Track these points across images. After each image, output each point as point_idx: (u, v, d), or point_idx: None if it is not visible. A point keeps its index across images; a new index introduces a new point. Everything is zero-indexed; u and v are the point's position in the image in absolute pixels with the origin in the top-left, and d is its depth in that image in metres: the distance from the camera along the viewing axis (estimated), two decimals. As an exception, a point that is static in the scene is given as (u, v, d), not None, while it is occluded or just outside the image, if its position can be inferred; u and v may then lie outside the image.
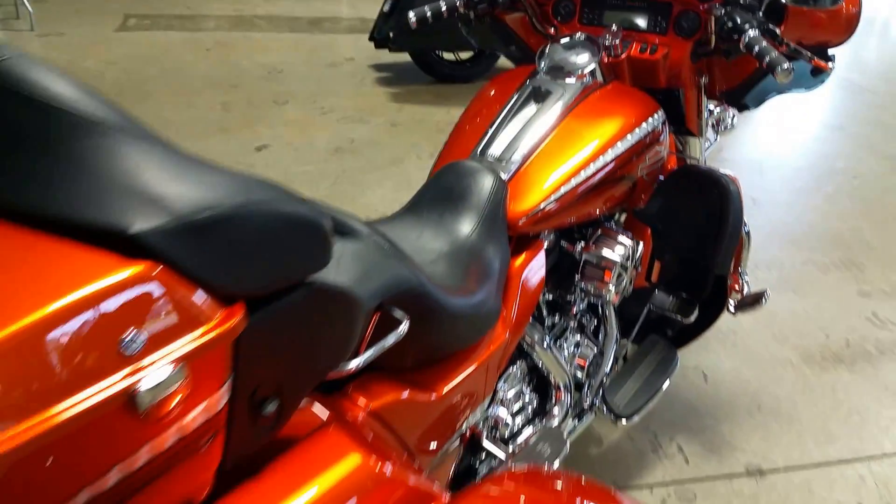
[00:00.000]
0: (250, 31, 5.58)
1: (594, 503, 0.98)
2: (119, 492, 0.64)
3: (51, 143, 0.64)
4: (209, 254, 0.65)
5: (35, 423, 0.55)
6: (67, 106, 0.64)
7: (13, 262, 0.60)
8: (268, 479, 0.81)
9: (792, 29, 1.58)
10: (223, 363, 0.69)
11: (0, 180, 0.64)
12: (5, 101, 0.64)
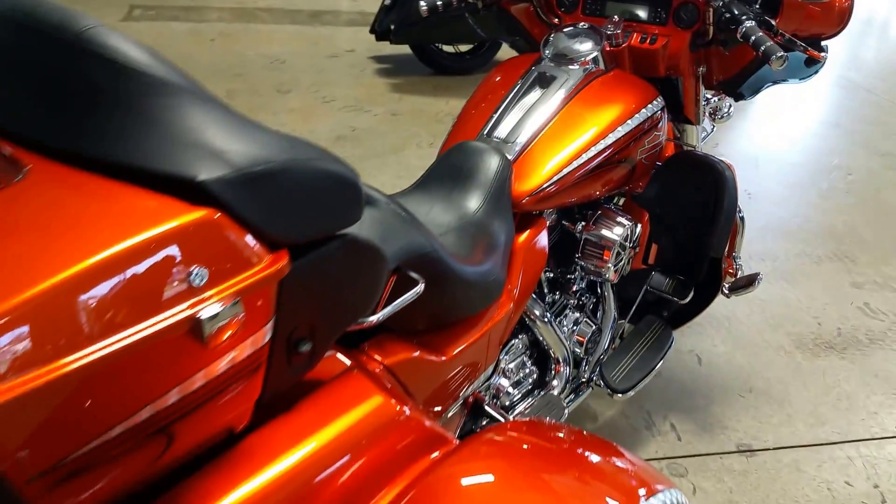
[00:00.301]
0: (253, 23, 5.62)
1: (595, 454, 1.03)
2: (173, 413, 0.71)
3: (130, 101, 0.71)
4: (261, 203, 0.72)
5: (119, 339, 0.61)
6: (144, 69, 0.71)
7: (98, 204, 0.67)
8: (299, 414, 0.89)
9: (787, 21, 1.63)
10: (268, 303, 0.75)
11: (85, 133, 0.71)
12: (91, 63, 0.71)
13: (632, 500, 0.94)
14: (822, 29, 1.65)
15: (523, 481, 0.94)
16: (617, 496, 0.95)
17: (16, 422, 0.59)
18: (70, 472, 0.65)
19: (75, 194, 0.69)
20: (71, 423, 0.63)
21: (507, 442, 1.02)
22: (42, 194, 0.68)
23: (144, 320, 0.63)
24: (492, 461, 0.97)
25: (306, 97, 4.23)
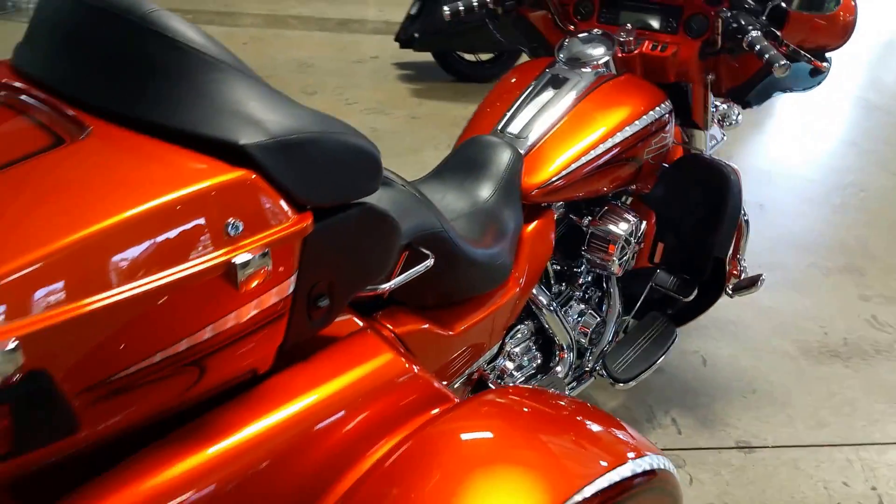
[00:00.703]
0: (283, 29, 5.75)
1: (592, 422, 1.09)
2: (206, 348, 0.79)
3: (184, 74, 0.80)
4: (292, 168, 0.80)
5: (166, 276, 0.71)
6: (198, 47, 0.81)
7: (152, 161, 0.77)
8: (315, 364, 0.96)
9: (793, 33, 1.69)
10: (293, 258, 0.83)
11: (143, 101, 0.80)
12: (153, 40, 0.80)
13: (620, 459, 0.99)
14: (826, 41, 1.71)
15: (517, 438, 0.99)
16: (606, 456, 1.00)
17: (77, 338, 0.68)
18: (114, 391, 0.73)
19: (132, 152, 0.78)
20: (121, 344, 0.71)
21: (507, 403, 1.08)
22: (103, 150, 0.78)
23: (188, 261, 0.72)
24: (489, 419, 1.02)
25: (331, 99, 4.34)
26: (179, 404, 0.83)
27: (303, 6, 6.42)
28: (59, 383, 0.69)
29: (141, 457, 0.80)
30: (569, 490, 0.90)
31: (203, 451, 0.82)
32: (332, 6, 6.52)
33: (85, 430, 0.75)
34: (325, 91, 4.45)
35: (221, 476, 0.83)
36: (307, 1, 6.61)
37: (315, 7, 6.41)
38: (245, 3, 6.27)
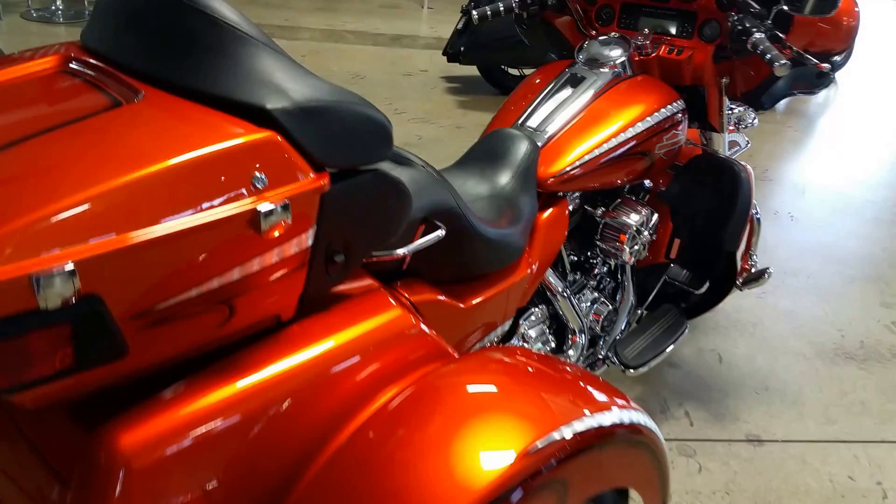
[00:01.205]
0: (339, 43, 6.00)
1: (586, 383, 1.21)
2: (235, 288, 0.93)
3: (221, 47, 0.95)
4: (311, 131, 0.94)
5: (201, 217, 0.85)
6: (235, 25, 0.96)
7: (192, 120, 0.91)
8: (332, 315, 1.10)
9: (798, 37, 1.81)
10: (311, 213, 0.97)
11: (186, 69, 0.96)
12: (196, 18, 0.96)
13: (600, 408, 1.12)
14: (830, 45, 1.83)
15: (507, 386, 1.12)
16: (588, 406, 1.12)
17: (125, 268, 0.82)
18: (157, 320, 0.88)
19: (175, 113, 0.93)
20: (163, 277, 0.86)
21: (501, 359, 1.21)
22: (152, 111, 0.93)
23: (219, 206, 0.86)
24: (484, 371, 1.15)
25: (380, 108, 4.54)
26: (212, 342, 0.97)
27: (358, 22, 6.68)
28: (109, 308, 0.82)
29: (179, 386, 0.95)
30: (549, 427, 1.03)
31: (232, 385, 0.96)
32: (386, 22, 6.77)
33: (132, 356, 0.89)
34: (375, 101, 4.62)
35: (246, 408, 0.97)
36: (363, 17, 6.88)
37: (370, 23, 6.66)
38: (305, 18, 6.55)
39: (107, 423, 0.92)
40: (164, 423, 0.92)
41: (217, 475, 0.97)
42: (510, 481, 0.96)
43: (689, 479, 2.00)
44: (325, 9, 7.02)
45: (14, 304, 0.76)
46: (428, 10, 7.37)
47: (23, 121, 0.93)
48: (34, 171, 0.82)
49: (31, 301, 0.76)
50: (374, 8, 7.28)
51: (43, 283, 0.76)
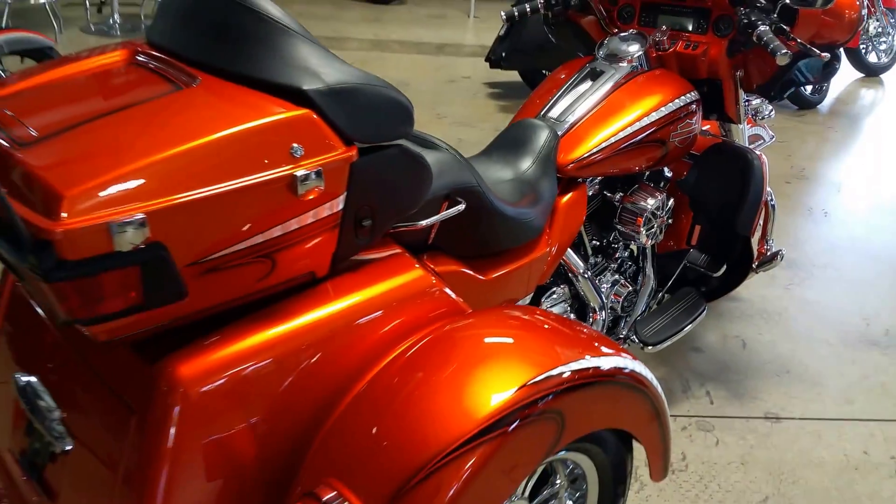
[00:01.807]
0: (385, 52, 6.22)
1: (585, 334, 1.35)
2: (275, 244, 1.09)
3: (266, 38, 1.13)
4: (341, 110, 1.11)
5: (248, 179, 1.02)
6: (277, 19, 1.14)
7: (241, 101, 1.09)
8: (362, 273, 1.27)
9: (804, 29, 1.93)
10: (342, 180, 1.13)
11: (236, 58, 1.13)
12: (245, 14, 1.13)
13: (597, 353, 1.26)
14: (835, 36, 1.94)
15: (515, 333, 1.28)
16: (587, 351, 1.26)
17: (186, 221, 0.99)
18: (209, 269, 1.04)
19: (226, 95, 1.11)
20: (216, 231, 1.02)
21: (510, 314, 1.37)
22: (206, 93, 1.11)
23: (263, 171, 1.03)
24: (494, 324, 1.31)
25: (423, 113, 4.73)
26: (256, 292, 1.12)
27: (404, 32, 6.89)
28: (172, 255, 0.97)
29: (229, 328, 1.11)
30: (549, 366, 1.18)
31: (274, 329, 1.13)
32: (432, 31, 6.97)
33: (190, 299, 1.03)
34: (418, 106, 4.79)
35: (285, 349, 1.13)
36: (409, 27, 7.10)
37: (416, 33, 6.88)
38: (352, 29, 6.80)
39: (167, 356, 1.08)
40: (216, 358, 1.09)
41: (260, 405, 1.13)
42: (511, 407, 1.11)
43: (705, 451, 2.11)
44: (372, 20, 7.26)
45: (95, 247, 0.92)
46: (474, 20, 7.55)
47: (100, 101, 1.12)
48: (112, 140, 1.00)
49: (108, 245, 0.92)
50: (420, 18, 7.50)
51: (118, 230, 0.92)
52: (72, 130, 1.02)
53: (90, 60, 1.23)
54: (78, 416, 1.24)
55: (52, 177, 0.93)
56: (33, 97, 1.15)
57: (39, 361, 1.37)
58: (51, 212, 0.91)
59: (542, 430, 1.17)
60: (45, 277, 0.92)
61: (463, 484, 1.07)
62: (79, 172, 0.94)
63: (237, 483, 1.14)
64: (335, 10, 7.58)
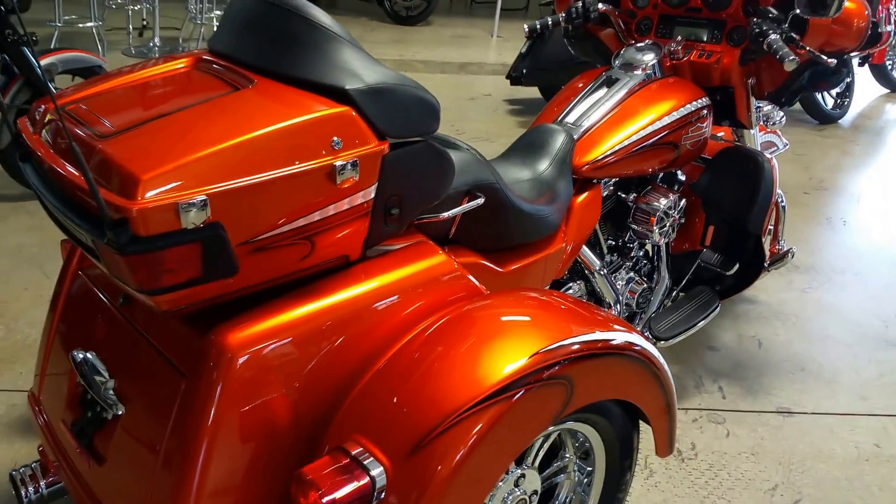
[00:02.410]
0: (409, 72, 6.36)
1: (596, 313, 1.40)
2: (315, 228, 1.18)
3: (314, 43, 1.23)
4: (377, 107, 1.20)
5: (295, 168, 1.11)
6: (326, 26, 1.24)
7: (291, 100, 1.18)
8: (390, 258, 1.35)
9: (813, 38, 1.98)
10: (374, 171, 1.22)
11: (287, 61, 1.23)
12: (297, 21, 1.24)
13: (607, 328, 1.33)
14: (844, 44, 1.99)
15: (529, 310, 1.34)
16: (597, 327, 1.33)
17: (239, 205, 1.08)
18: (258, 248, 1.14)
19: (278, 94, 1.21)
20: (264, 214, 1.12)
21: (526, 295, 1.42)
22: (260, 93, 1.21)
23: (307, 160, 1.13)
24: (511, 304, 1.37)
25: (443, 129, 4.83)
26: (297, 271, 1.23)
27: (428, 52, 7.04)
28: (227, 234, 1.08)
29: (272, 303, 1.22)
30: (560, 337, 1.26)
31: (312, 304, 1.23)
32: (456, 51, 7.11)
33: (240, 275, 1.14)
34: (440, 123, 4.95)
35: (321, 323, 1.23)
36: (433, 47, 7.25)
37: (439, 52, 7.02)
38: (377, 50, 6.96)
39: (218, 327, 1.19)
40: (260, 329, 1.19)
41: (297, 371, 1.23)
42: (522, 373, 1.19)
43: (716, 441, 2.12)
44: (398, 41, 7.43)
45: (163, 225, 1.03)
46: (497, 39, 7.69)
47: (168, 101, 1.24)
48: (179, 133, 1.12)
49: (175, 223, 1.04)
50: (444, 39, 7.65)
51: (184, 210, 1.03)
52: (145, 125, 1.14)
53: (160, 66, 1.36)
54: (130, 384, 1.36)
55: (129, 163, 1.05)
56: (110, 98, 1.29)
57: (96, 338, 1.49)
58: (128, 193, 1.02)
59: (551, 394, 1.23)
60: (121, 251, 1.03)
61: (475, 440, 1.16)
62: (152, 160, 1.06)
63: (274, 440, 1.24)
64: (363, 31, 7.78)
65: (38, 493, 1.66)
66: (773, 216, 2.31)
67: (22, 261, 2.13)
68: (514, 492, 1.41)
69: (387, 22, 8.41)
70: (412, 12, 8.33)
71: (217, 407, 1.17)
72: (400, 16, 8.36)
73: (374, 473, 1.16)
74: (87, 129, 1.16)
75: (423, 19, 8.37)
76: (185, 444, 1.20)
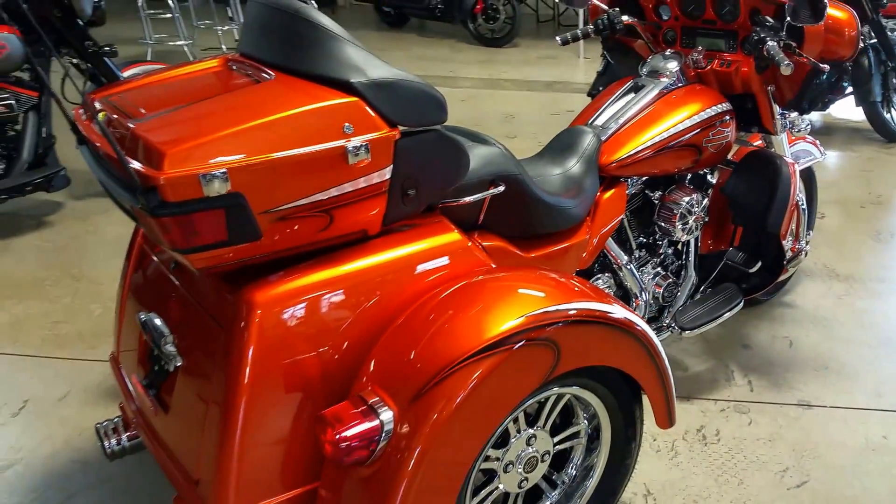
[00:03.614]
0: (496, 90, 6.76)
1: (591, 290, 1.64)
2: (332, 202, 1.39)
3: (321, 43, 1.44)
4: (381, 98, 1.41)
5: (309, 149, 1.32)
6: (329, 28, 1.44)
7: (305, 91, 1.40)
8: (408, 233, 1.58)
9: (811, 46, 2.24)
10: (388, 154, 1.43)
11: (299, 58, 1.45)
12: (304, 24, 1.45)
13: (602, 302, 1.58)
14: (839, 52, 2.26)
15: (532, 283, 1.58)
16: (594, 298, 1.57)
17: (258, 177, 1.27)
18: (279, 217, 1.33)
19: (293, 86, 1.42)
20: (284, 187, 1.31)
21: (531, 270, 1.68)
22: (278, 86, 1.44)
23: (322, 142, 1.33)
24: (515, 278, 1.60)
25: (526, 141, 5.22)
26: (318, 241, 1.41)
27: (515, 71, 7.43)
28: (249, 203, 1.26)
29: (294, 267, 1.44)
30: (553, 303, 1.51)
31: (332, 269, 1.46)
32: (543, 70, 7.47)
33: (264, 241, 1.32)
34: (522, 135, 5.35)
35: (339, 286, 1.45)
36: (520, 67, 7.63)
37: (526, 72, 7.39)
38: (467, 70, 7.41)
39: (247, 285, 1.40)
40: (284, 288, 1.41)
41: (324, 327, 1.45)
42: (515, 331, 1.42)
43: (738, 429, 2.41)
44: (486, 61, 7.85)
45: (188, 193, 1.22)
46: (584, 60, 7.98)
47: (195, 92, 1.47)
48: (202, 116, 1.33)
49: (199, 192, 1.23)
50: (531, 59, 8.02)
51: (205, 180, 1.22)
52: (173, 111, 1.36)
53: (196, 66, 1.64)
54: (185, 339, 1.58)
55: (158, 141, 1.25)
56: (150, 91, 1.54)
57: (156, 301, 1.73)
58: (156, 165, 1.22)
59: (540, 353, 1.46)
60: (151, 213, 1.22)
61: (469, 390, 1.37)
62: (176, 137, 1.25)
63: (304, 388, 1.45)
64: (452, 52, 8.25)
65: (119, 444, 1.85)
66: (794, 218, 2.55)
67: (119, 249, 2.52)
68: (527, 449, 1.65)
69: (473, 44, 8.83)
70: (497, 34, 8.72)
71: (250, 355, 1.36)
72: (485, 38, 8.75)
73: (383, 418, 1.35)
74: (125, 113, 1.38)
75: (508, 41, 8.73)
76: (225, 388, 1.39)
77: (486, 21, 8.67)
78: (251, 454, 1.41)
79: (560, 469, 1.85)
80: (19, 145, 3.71)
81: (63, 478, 2.17)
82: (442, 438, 1.36)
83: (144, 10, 7.18)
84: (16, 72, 3.61)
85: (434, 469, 1.39)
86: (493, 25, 8.71)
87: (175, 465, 1.58)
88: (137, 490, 2.11)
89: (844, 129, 5.53)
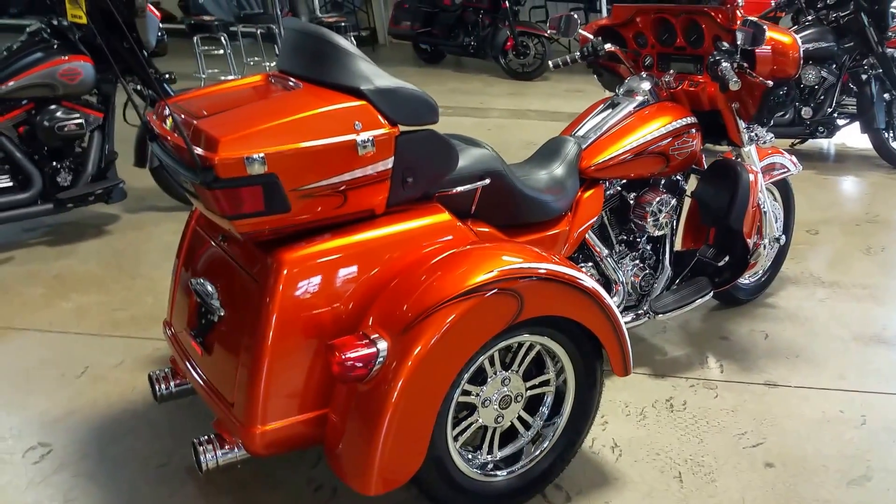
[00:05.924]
0: (522, 120, 7.16)
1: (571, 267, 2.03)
2: (346, 185, 1.76)
3: (337, 59, 1.84)
4: (385, 102, 1.78)
5: (324, 142, 1.73)
6: (345, 47, 1.85)
7: (323, 96, 1.80)
8: (406, 213, 1.93)
9: (762, 67, 2.61)
10: (390, 147, 1.79)
11: (319, 71, 1.87)
12: (325, 44, 1.86)
13: (564, 266, 1.94)
14: (787, 71, 2.63)
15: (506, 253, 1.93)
16: (555, 264, 1.93)
17: (288, 161, 1.65)
18: (305, 195, 1.69)
19: (316, 93, 1.81)
20: (306, 170, 1.68)
21: (519, 246, 2.04)
22: (312, 92, 1.81)
23: (335, 136, 1.70)
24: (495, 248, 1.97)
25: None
26: (336, 217, 1.78)
27: (542, 103, 7.82)
28: (281, 182, 1.63)
29: (315, 237, 1.79)
30: (538, 260, 1.88)
31: (344, 238, 1.81)
32: (569, 102, 7.85)
33: (292, 213, 1.68)
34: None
35: (351, 251, 1.80)
36: (547, 100, 8.03)
37: (552, 104, 7.79)
38: (495, 101, 7.83)
39: (277, 249, 1.75)
40: (307, 251, 1.77)
41: (339, 283, 1.82)
42: (488, 282, 1.79)
43: (705, 401, 2.69)
44: (514, 94, 8.28)
45: (236, 172, 1.60)
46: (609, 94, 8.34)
47: (248, 98, 1.90)
48: (248, 115, 1.71)
49: (243, 171, 1.60)
50: (559, 92, 8.42)
51: (249, 162, 1.59)
52: (224, 112, 1.74)
53: (243, 81, 2.07)
54: (227, 294, 1.95)
55: (213, 132, 1.62)
56: (206, 99, 1.91)
57: (206, 268, 2.08)
58: (212, 150, 1.59)
59: (506, 301, 1.81)
60: (208, 186, 1.60)
61: (449, 324, 1.72)
62: (228, 130, 1.62)
63: (323, 329, 1.80)
64: (483, 86, 8.70)
65: (167, 389, 2.23)
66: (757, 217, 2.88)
67: (170, 255, 2.89)
68: (502, 389, 2.00)
69: (505, 78, 9.29)
70: (527, 69, 9.19)
71: (278, 302, 1.72)
72: (516, 72, 9.22)
73: (379, 346, 1.71)
74: (193, 115, 1.73)
75: (538, 75, 9.18)
76: (257, 329, 1.74)
77: (516, 56, 9.15)
78: (275, 381, 1.77)
79: (533, 414, 2.17)
80: (85, 160, 4.19)
81: (116, 422, 2.56)
82: (425, 362, 1.71)
83: (199, 47, 7.81)
84: (86, 95, 4.11)
85: (418, 386, 1.73)
86: (523, 60, 9.18)
87: (215, 394, 1.94)
88: (179, 428, 2.50)
89: (854, 156, 5.79)
